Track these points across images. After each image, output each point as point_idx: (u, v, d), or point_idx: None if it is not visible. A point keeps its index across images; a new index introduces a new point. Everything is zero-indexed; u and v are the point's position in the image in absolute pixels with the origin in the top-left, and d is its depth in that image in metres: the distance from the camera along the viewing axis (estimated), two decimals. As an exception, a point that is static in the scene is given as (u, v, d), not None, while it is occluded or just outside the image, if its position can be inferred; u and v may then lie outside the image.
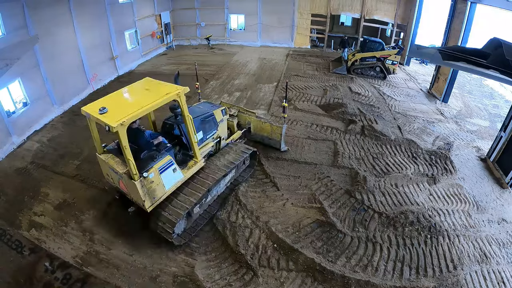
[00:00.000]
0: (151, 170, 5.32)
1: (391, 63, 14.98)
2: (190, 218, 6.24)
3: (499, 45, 6.08)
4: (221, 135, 7.26)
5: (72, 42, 12.14)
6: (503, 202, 7.28)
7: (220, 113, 7.24)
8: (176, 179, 5.83)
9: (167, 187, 5.68)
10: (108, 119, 4.80)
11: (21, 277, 5.42)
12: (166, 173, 5.55)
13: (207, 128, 6.80)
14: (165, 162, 5.55)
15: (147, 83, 6.16)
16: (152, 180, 5.37)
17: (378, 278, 5.32)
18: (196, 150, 6.17)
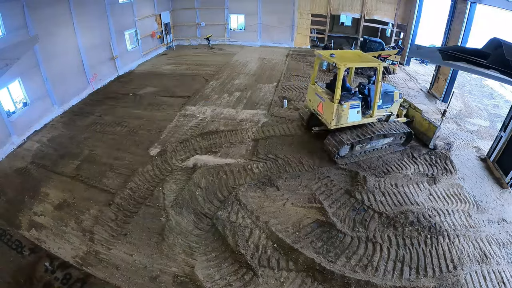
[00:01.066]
0: (346, 103, 7.84)
1: (391, 63, 14.97)
2: (352, 150, 8.37)
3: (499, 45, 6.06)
4: (392, 111, 8.87)
5: (72, 42, 12.15)
6: (503, 202, 7.28)
7: (398, 95, 8.77)
8: (356, 119, 8.21)
9: (349, 119, 8.12)
10: (337, 60, 7.72)
11: (21, 277, 5.43)
12: (352, 111, 8.01)
13: (385, 99, 8.55)
14: (356, 103, 8.01)
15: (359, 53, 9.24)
16: (343, 109, 7.87)
17: (378, 278, 5.32)
18: (374, 108, 8.23)
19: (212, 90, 13.43)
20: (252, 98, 12.59)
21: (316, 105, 8.68)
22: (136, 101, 12.51)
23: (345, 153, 8.31)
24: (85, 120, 11.01)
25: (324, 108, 8.23)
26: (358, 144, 8.23)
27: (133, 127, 10.40)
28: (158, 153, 8.90)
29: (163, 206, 6.99)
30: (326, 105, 8.07)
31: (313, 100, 8.87)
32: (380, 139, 8.52)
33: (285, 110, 11.39)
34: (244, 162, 8.45)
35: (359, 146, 8.32)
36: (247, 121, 10.68)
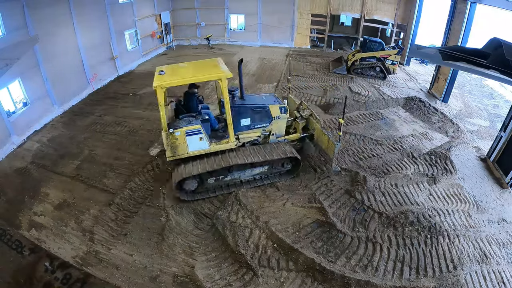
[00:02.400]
0: (178, 130, 6.36)
1: (391, 63, 14.97)
2: (202, 184, 6.95)
3: (499, 45, 6.07)
4: (274, 130, 7.42)
5: (72, 42, 12.14)
6: (503, 202, 7.28)
7: (278, 109, 7.23)
8: (201, 147, 6.64)
9: (190, 149, 6.61)
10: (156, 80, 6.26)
11: (21, 277, 5.43)
12: (192, 138, 6.48)
13: (256, 118, 7.14)
14: (194, 128, 6.45)
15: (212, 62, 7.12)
16: (177, 137, 6.40)
17: (378, 278, 5.32)
18: (229, 131, 6.74)
19: (212, 90, 13.42)
20: (252, 98, 12.58)
21: None
22: (136, 101, 12.51)
23: (194, 188, 6.84)
24: (85, 120, 11.01)
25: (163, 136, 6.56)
26: (210, 177, 6.84)
27: (133, 127, 10.40)
28: (158, 153, 8.90)
29: (163, 206, 6.98)
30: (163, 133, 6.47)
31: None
32: (247, 169, 7.04)
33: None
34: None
35: (212, 179, 6.91)
36: (247, 121, 10.66)
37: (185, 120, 6.67)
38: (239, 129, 7.14)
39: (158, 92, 6.14)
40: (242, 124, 7.08)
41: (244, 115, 7.02)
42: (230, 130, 6.72)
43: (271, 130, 7.37)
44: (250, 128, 7.22)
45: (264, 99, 7.56)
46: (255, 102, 7.24)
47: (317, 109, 11.42)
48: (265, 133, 7.31)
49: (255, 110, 7.07)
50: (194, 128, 6.45)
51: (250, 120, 7.10)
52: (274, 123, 7.34)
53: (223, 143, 6.83)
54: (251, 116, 7.08)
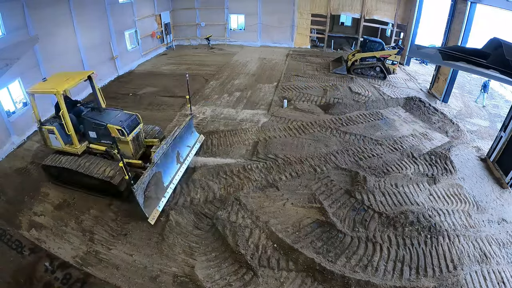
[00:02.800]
0: (44, 127, 7.40)
1: (391, 63, 14.98)
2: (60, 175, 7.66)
3: (499, 45, 6.07)
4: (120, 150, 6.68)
5: (72, 42, 12.14)
6: (503, 202, 7.28)
7: (116, 131, 7.26)
8: (58, 144, 7.51)
9: (52, 144, 7.60)
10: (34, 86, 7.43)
11: (21, 277, 5.43)
12: (52, 136, 7.48)
13: (100, 133, 7.50)
14: (50, 129, 7.36)
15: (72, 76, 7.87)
16: (44, 133, 7.50)
17: (378, 278, 5.32)
18: (72, 138, 7.38)
19: (212, 90, 13.43)
20: (252, 98, 12.59)
21: None
22: (136, 101, 12.51)
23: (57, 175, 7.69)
24: (85, 120, 10.98)
25: None
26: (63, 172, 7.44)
27: (133, 127, 10.37)
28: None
29: (163, 206, 6.98)
30: None
31: None
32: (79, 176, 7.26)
33: (285, 110, 11.39)
34: (244, 162, 8.45)
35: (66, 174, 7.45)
36: (247, 121, 10.68)
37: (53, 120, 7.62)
38: (90, 140, 7.70)
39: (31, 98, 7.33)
40: (90, 135, 7.63)
41: (89, 128, 7.54)
42: (73, 138, 7.34)
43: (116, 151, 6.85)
44: (98, 141, 7.64)
45: (116, 117, 7.61)
46: (101, 118, 7.54)
47: (317, 109, 11.45)
48: (111, 150, 7.50)
49: (96, 127, 7.46)
50: (50, 128, 7.33)
51: (95, 133, 7.54)
52: (120, 144, 7.21)
53: (71, 147, 7.51)
54: (95, 130, 7.51)
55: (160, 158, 7.04)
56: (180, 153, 7.99)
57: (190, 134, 8.71)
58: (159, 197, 6.86)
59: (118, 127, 7.25)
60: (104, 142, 7.58)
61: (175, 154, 7.78)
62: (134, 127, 7.64)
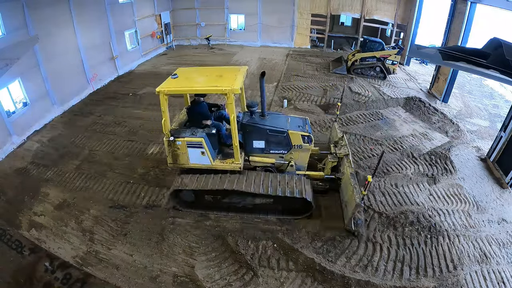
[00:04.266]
0: (180, 139, 6.00)
1: (391, 63, 14.97)
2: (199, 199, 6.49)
3: (499, 45, 6.07)
4: (294, 161, 6.44)
5: (72, 42, 12.14)
6: (503, 202, 7.27)
7: (300, 138, 6.28)
8: (202, 162, 6.17)
9: (191, 161, 6.21)
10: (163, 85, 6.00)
11: (21, 277, 5.43)
12: (193, 150, 6.05)
13: (272, 141, 6.29)
14: (196, 141, 5.98)
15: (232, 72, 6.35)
16: (178, 147, 6.05)
17: (378, 278, 5.32)
18: (235, 152, 6.05)
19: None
20: (252, 98, 12.58)
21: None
22: (136, 101, 12.51)
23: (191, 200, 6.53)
24: (85, 120, 11.01)
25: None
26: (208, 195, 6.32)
27: (133, 127, 10.40)
28: (158, 152, 8.90)
29: (163, 206, 6.99)
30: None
31: None
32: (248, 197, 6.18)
33: (285, 110, 11.39)
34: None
35: (210, 197, 6.37)
36: (247, 121, 10.66)
37: (191, 129, 6.21)
38: (252, 151, 6.43)
39: (160, 98, 5.87)
40: (254, 145, 6.35)
41: (258, 136, 6.22)
42: (236, 151, 6.02)
43: (290, 159, 6.41)
44: (264, 152, 6.39)
45: (288, 121, 6.56)
46: (274, 123, 6.31)
47: (317, 109, 11.45)
48: (282, 161, 6.39)
49: (272, 134, 6.19)
50: (196, 140, 5.95)
51: (264, 143, 6.29)
52: (294, 152, 6.36)
53: (226, 163, 6.17)
54: (266, 139, 6.26)
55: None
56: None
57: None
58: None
59: (304, 133, 6.27)
60: (275, 153, 6.38)
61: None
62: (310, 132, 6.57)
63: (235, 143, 5.93)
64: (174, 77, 6.14)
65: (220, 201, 6.40)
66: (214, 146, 6.22)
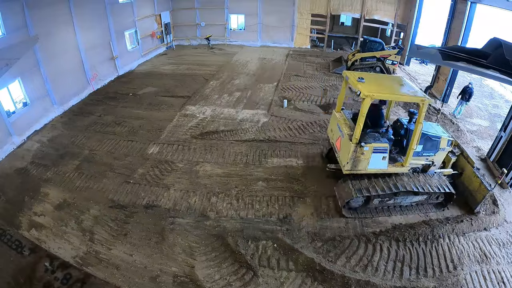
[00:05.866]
0: (368, 145, 6.13)
1: (391, 63, 14.97)
2: (368, 204, 6.72)
3: (499, 45, 6.06)
4: (435, 161, 6.96)
5: (72, 42, 12.14)
6: (503, 202, 7.27)
7: (446, 142, 6.80)
8: (380, 166, 6.42)
9: (370, 166, 6.38)
10: (363, 88, 5.89)
11: (21, 277, 5.42)
12: (376, 156, 6.26)
13: (427, 146, 6.72)
14: (382, 147, 6.24)
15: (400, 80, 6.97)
16: (363, 152, 6.17)
17: (378, 278, 5.32)
18: (408, 156, 6.41)
19: (212, 90, 13.43)
20: (252, 98, 12.59)
21: (336, 138, 7.17)
22: (136, 101, 12.51)
23: (358, 206, 6.77)
24: (85, 120, 11.01)
25: (342, 145, 6.67)
26: (377, 198, 6.63)
27: (133, 127, 10.40)
28: (158, 152, 8.90)
29: (163, 205, 6.98)
30: (344, 142, 6.51)
31: (334, 131, 7.32)
32: (409, 196, 6.72)
33: (285, 110, 11.39)
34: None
35: (377, 200, 6.69)
36: (247, 121, 10.68)
37: (372, 135, 6.39)
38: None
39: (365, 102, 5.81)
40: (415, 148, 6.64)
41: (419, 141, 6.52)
42: (409, 155, 6.37)
43: (433, 160, 6.94)
44: (418, 155, 6.76)
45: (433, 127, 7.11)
46: (431, 130, 6.84)
47: (317, 109, 11.45)
48: (428, 163, 6.90)
49: (430, 139, 6.65)
50: (382, 146, 6.25)
51: (422, 147, 6.66)
52: (439, 154, 6.91)
53: (397, 166, 6.57)
54: (423, 144, 6.63)
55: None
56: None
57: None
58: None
59: (449, 138, 6.84)
60: (426, 155, 6.82)
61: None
62: None
63: (412, 146, 6.24)
64: (361, 81, 6.19)
65: (385, 202, 6.74)
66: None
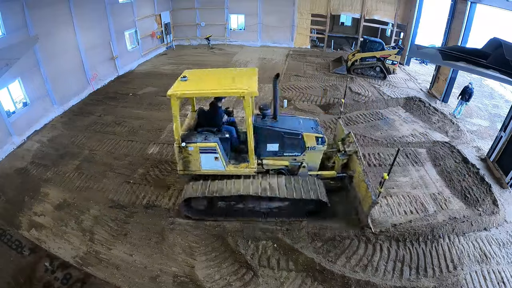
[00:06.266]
0: (192, 145, 5.77)
1: (391, 63, 14.97)
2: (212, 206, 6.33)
3: (499, 45, 6.07)
4: (306, 162, 6.38)
5: (72, 42, 12.15)
6: (503, 202, 7.26)
7: (314, 139, 6.23)
8: (215, 167, 5.99)
9: (203, 167, 6.03)
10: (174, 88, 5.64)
11: (21, 277, 5.43)
12: (206, 156, 5.86)
13: (287, 144, 6.21)
14: (209, 146, 5.79)
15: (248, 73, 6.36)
16: (190, 153, 5.82)
17: (378, 278, 5.32)
18: (250, 155, 5.97)
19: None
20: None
21: None
22: (136, 101, 12.51)
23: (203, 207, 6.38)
24: (85, 120, 11.01)
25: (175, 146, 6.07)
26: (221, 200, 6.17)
27: (133, 127, 10.40)
28: (158, 152, 8.90)
29: (163, 205, 6.98)
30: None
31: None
32: (264, 201, 6.09)
33: (285, 110, 11.39)
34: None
35: (223, 203, 6.24)
36: (247, 121, 10.66)
37: (203, 134, 6.02)
38: (265, 154, 6.32)
39: (172, 102, 5.53)
40: (268, 149, 6.24)
41: (272, 139, 6.14)
42: (251, 155, 5.95)
43: (302, 161, 6.35)
44: (278, 155, 6.31)
45: (300, 123, 6.57)
46: (288, 126, 6.26)
47: (317, 109, 11.45)
48: (295, 164, 6.34)
49: (286, 136, 6.12)
50: (209, 146, 5.80)
51: (278, 146, 6.19)
52: (308, 154, 6.30)
53: (240, 167, 6.07)
54: (280, 142, 6.17)
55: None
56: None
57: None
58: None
59: (318, 135, 6.27)
60: (289, 155, 6.31)
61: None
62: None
63: (250, 146, 5.83)
64: (184, 79, 5.89)
65: (233, 206, 6.28)
66: (226, 151, 6.12)
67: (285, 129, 6.16)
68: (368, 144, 9.26)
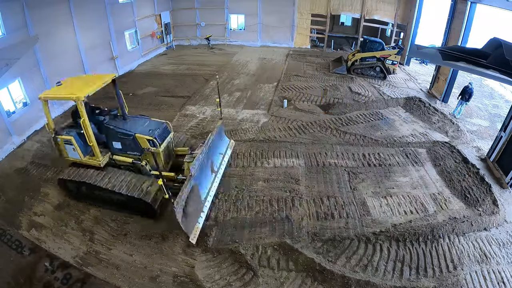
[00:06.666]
0: (59, 137, 6.76)
1: (391, 63, 14.97)
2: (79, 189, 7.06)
3: (499, 45, 6.07)
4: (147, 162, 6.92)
5: (72, 42, 12.14)
6: (503, 202, 7.27)
7: (146, 141, 6.71)
8: (75, 156, 6.87)
9: (70, 155, 6.94)
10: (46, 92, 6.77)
11: (21, 277, 5.42)
12: (68, 147, 6.83)
13: (127, 144, 6.90)
14: (67, 139, 6.69)
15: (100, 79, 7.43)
16: (59, 143, 6.83)
17: (378, 278, 5.32)
18: (94, 150, 6.70)
19: (212, 90, 13.42)
20: (252, 98, 12.59)
21: None
22: (136, 101, 12.50)
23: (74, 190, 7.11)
24: (85, 120, 10.98)
25: None
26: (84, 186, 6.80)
27: (133, 127, 10.38)
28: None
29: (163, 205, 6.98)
30: None
31: None
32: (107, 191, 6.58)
33: (285, 110, 11.39)
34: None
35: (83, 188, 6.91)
36: (247, 121, 10.68)
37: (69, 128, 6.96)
38: (114, 151, 7.07)
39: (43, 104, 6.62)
40: (114, 146, 7.00)
41: (113, 138, 6.91)
42: (94, 149, 6.66)
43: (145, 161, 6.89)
44: (123, 152, 7.01)
45: (145, 125, 7.04)
46: (126, 127, 6.91)
47: (317, 109, 11.44)
48: (138, 162, 6.89)
49: (122, 137, 6.84)
50: (67, 138, 6.68)
51: (120, 144, 6.92)
52: (147, 154, 6.79)
53: (91, 159, 6.84)
54: (120, 141, 6.90)
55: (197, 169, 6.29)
56: (213, 162, 7.26)
57: (221, 140, 7.98)
58: (198, 213, 6.17)
59: (149, 137, 6.69)
60: (131, 154, 6.95)
61: (209, 163, 7.04)
62: (165, 136, 7.06)
63: (89, 142, 6.53)
64: (58, 84, 6.77)
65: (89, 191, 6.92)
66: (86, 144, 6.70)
67: (119, 129, 6.88)
68: (368, 144, 9.26)
